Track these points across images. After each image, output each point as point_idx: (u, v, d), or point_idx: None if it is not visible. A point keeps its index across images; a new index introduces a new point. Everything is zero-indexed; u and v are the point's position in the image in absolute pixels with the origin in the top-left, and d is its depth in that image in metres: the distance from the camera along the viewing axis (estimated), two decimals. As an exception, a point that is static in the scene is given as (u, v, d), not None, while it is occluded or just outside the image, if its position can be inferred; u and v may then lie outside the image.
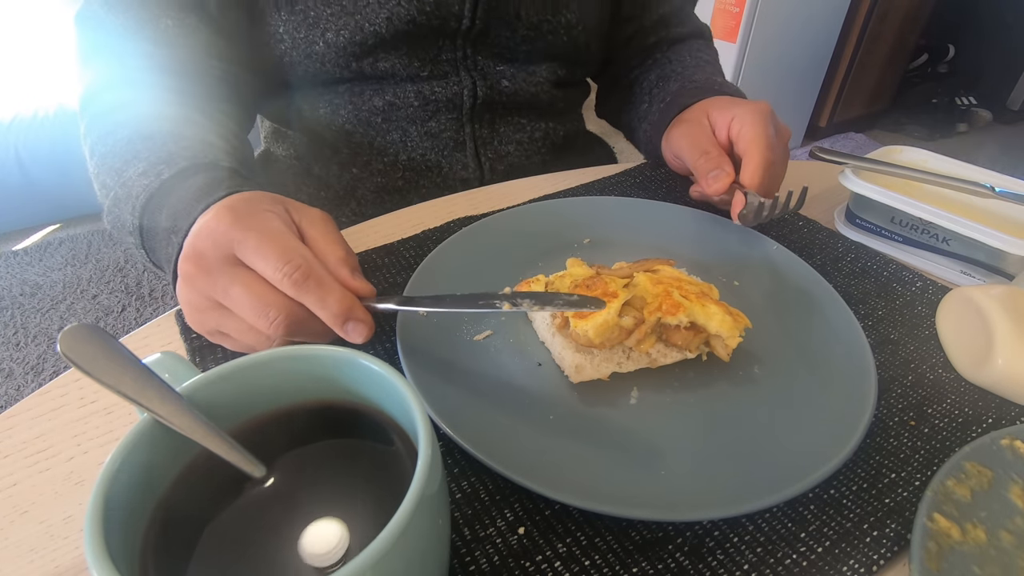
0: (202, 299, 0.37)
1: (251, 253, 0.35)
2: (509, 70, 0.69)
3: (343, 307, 0.36)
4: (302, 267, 0.35)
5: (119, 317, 1.75)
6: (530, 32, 0.66)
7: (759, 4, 2.15)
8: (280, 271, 0.35)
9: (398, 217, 0.59)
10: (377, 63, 0.63)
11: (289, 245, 0.36)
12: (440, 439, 0.32)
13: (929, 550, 0.29)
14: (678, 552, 0.31)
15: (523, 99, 0.70)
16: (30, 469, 0.35)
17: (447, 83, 0.66)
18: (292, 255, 0.35)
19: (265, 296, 0.35)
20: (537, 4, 0.65)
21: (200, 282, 0.36)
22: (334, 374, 0.27)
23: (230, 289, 0.35)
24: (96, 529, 0.19)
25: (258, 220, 0.37)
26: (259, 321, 0.35)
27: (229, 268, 0.35)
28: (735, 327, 0.39)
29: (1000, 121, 3.02)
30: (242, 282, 0.35)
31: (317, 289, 0.35)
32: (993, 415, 0.40)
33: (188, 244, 0.37)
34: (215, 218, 0.36)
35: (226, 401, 0.26)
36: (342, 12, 0.59)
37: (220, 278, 0.35)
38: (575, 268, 0.45)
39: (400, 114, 0.67)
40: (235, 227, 0.36)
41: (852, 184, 0.55)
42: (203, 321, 0.38)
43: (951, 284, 0.53)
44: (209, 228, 0.36)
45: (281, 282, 0.35)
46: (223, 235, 0.36)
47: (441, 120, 0.68)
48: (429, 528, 0.23)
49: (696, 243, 0.54)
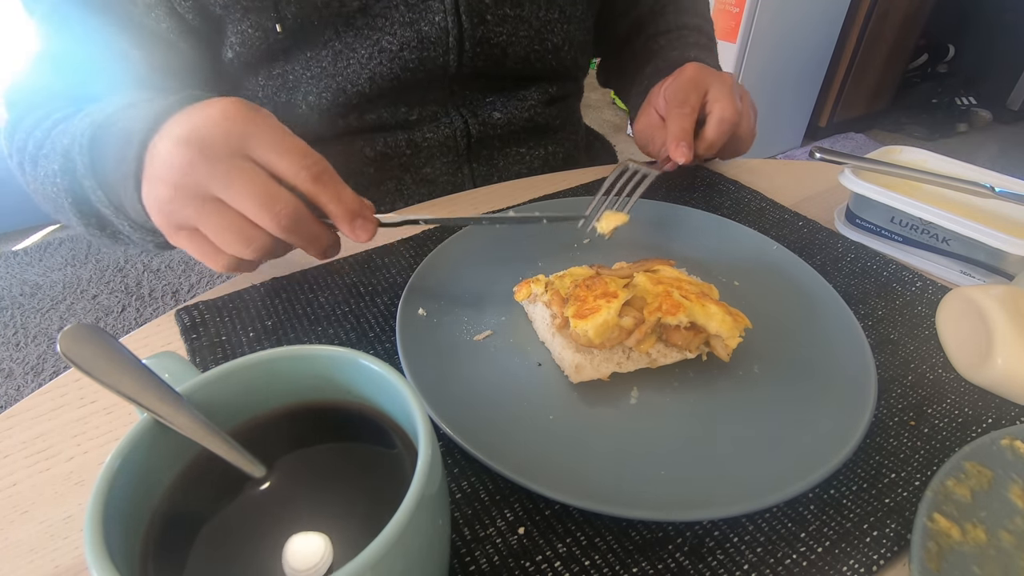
0: (191, 187, 0.35)
1: (268, 147, 0.35)
2: (499, 99, 0.67)
3: (357, 202, 0.37)
4: (320, 163, 0.36)
5: (119, 317, 1.75)
6: (518, 64, 0.65)
7: (759, 4, 2.15)
8: (299, 163, 0.35)
9: (398, 217, 0.59)
10: (364, 116, 0.61)
11: (304, 144, 0.36)
12: (440, 439, 0.32)
13: (929, 550, 0.29)
14: (678, 552, 0.31)
15: (518, 126, 0.69)
16: (30, 469, 0.35)
17: (438, 126, 0.65)
18: (309, 152, 0.36)
19: (272, 188, 0.35)
20: (523, 40, 0.63)
21: (199, 168, 0.34)
22: (334, 374, 0.27)
23: (234, 178, 0.34)
24: (96, 529, 0.19)
25: (270, 119, 0.36)
26: (262, 212, 0.35)
27: (237, 160, 0.35)
28: (735, 327, 0.39)
29: (1000, 121, 3.02)
30: (250, 174, 0.35)
31: (334, 184, 0.36)
32: (993, 415, 0.40)
33: (190, 130, 0.35)
34: (226, 109, 0.35)
35: (226, 401, 0.26)
36: (322, 75, 0.58)
37: (224, 166, 0.34)
38: (575, 268, 0.45)
39: (393, 163, 0.65)
40: (251, 121, 0.35)
41: (852, 184, 0.55)
42: (178, 212, 0.36)
43: (951, 284, 0.53)
44: (219, 116, 0.35)
45: (299, 174, 0.35)
46: (237, 126, 0.35)
47: (436, 165, 0.67)
48: (429, 528, 0.23)
49: (696, 243, 0.54)
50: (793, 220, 0.60)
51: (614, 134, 2.87)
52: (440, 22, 0.58)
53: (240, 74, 0.59)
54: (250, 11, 0.54)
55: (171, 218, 0.37)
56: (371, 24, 0.57)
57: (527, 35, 0.63)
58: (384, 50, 0.58)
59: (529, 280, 0.45)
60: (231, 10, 0.54)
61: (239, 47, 0.56)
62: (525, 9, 0.62)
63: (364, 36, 0.57)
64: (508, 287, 0.46)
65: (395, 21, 0.57)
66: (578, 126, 0.82)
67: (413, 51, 0.58)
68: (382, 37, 0.57)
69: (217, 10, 0.54)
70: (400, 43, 0.58)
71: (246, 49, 0.56)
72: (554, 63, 0.67)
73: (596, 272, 0.44)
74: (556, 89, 0.71)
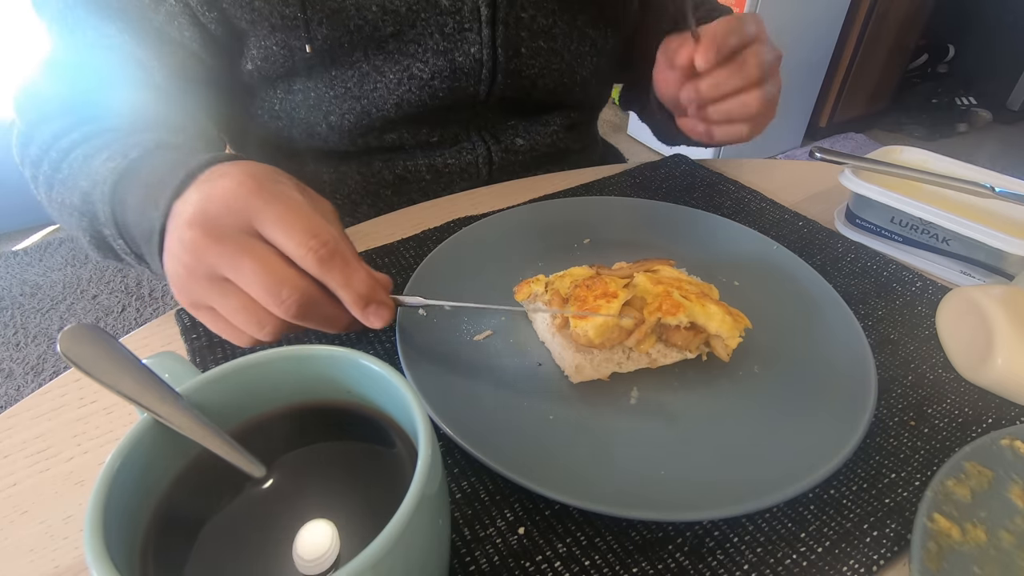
0: (201, 268, 0.33)
1: (273, 225, 0.33)
2: (522, 123, 0.67)
3: (368, 287, 0.34)
4: (329, 243, 0.33)
5: (119, 317, 1.75)
6: (545, 96, 0.64)
7: (759, 4, 2.15)
8: (305, 245, 0.32)
9: (398, 217, 0.59)
10: (384, 135, 0.60)
11: (316, 220, 0.33)
12: (440, 439, 0.32)
13: (929, 550, 0.29)
14: (678, 552, 0.31)
15: (540, 152, 0.69)
16: (30, 469, 0.35)
17: (460, 151, 0.64)
18: (319, 230, 0.33)
19: (280, 272, 0.32)
20: (554, 72, 0.63)
21: (207, 250, 0.33)
22: (334, 374, 0.27)
23: (241, 261, 0.32)
24: (96, 529, 0.19)
25: (282, 191, 0.34)
26: (268, 299, 0.32)
27: (244, 239, 0.33)
28: (735, 327, 0.39)
29: (1000, 121, 3.01)
30: (256, 255, 0.32)
31: (343, 267, 0.33)
32: (993, 415, 0.40)
33: (197, 208, 0.33)
34: (234, 183, 0.33)
35: (226, 401, 0.26)
36: (347, 96, 0.56)
37: (231, 247, 0.32)
38: (575, 268, 0.45)
39: (411, 187, 0.64)
40: (257, 195, 0.33)
41: (852, 184, 0.55)
42: (193, 291, 0.35)
43: (951, 284, 0.53)
44: (226, 192, 0.33)
45: (305, 257, 0.32)
46: (243, 202, 0.33)
47: (455, 191, 0.65)
48: (429, 528, 0.23)
49: (696, 243, 0.54)
50: (793, 220, 0.60)
51: (614, 134, 2.86)
52: (476, 54, 0.57)
53: (258, 86, 0.58)
54: (278, 29, 0.52)
55: (188, 296, 0.36)
56: (402, 50, 0.56)
57: (558, 68, 0.63)
58: (414, 77, 0.57)
59: (529, 280, 0.45)
60: (258, 26, 0.52)
61: (261, 61, 0.55)
62: (559, 42, 0.62)
63: (394, 61, 0.56)
64: (508, 287, 0.46)
65: (428, 49, 0.56)
66: (596, 145, 0.82)
67: (444, 80, 0.58)
68: (413, 64, 0.56)
69: (243, 24, 0.52)
70: (432, 71, 0.57)
71: (268, 64, 0.55)
72: (580, 95, 0.67)
73: (596, 272, 0.44)
74: (578, 115, 0.71)
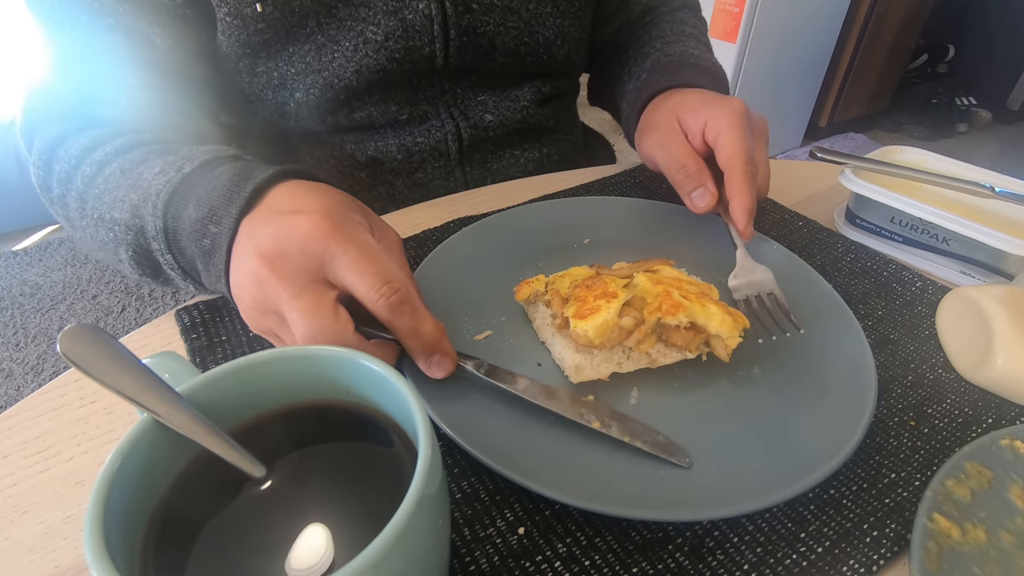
0: (267, 304, 0.34)
1: (347, 269, 0.33)
2: (491, 99, 0.66)
3: (435, 338, 0.35)
4: (400, 291, 0.33)
5: (119, 317, 1.75)
6: (508, 59, 0.64)
7: (759, 4, 2.15)
8: (377, 291, 0.33)
9: (398, 217, 0.59)
10: (353, 114, 0.61)
11: (388, 265, 0.34)
12: (440, 439, 0.32)
13: (929, 550, 0.29)
14: (678, 552, 0.31)
15: (510, 128, 0.68)
16: (30, 469, 0.35)
17: (429, 128, 0.64)
18: (391, 276, 0.33)
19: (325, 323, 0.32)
20: (512, 31, 0.62)
21: (270, 285, 0.33)
22: (334, 374, 0.27)
23: (293, 304, 0.33)
24: (96, 529, 0.19)
25: (354, 233, 0.34)
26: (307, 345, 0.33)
27: (307, 282, 0.33)
28: (735, 327, 0.39)
29: (1000, 121, 3.02)
30: (311, 302, 0.33)
31: (413, 315, 0.34)
32: (993, 415, 0.40)
33: (272, 244, 0.34)
34: (311, 224, 0.33)
35: (226, 401, 0.26)
36: (307, 70, 0.57)
37: (294, 287, 0.33)
38: (575, 268, 0.45)
39: (384, 168, 0.65)
40: (332, 237, 0.33)
41: (852, 184, 0.55)
42: (261, 322, 0.36)
43: (951, 284, 0.53)
44: (304, 235, 0.33)
45: (377, 302, 0.33)
46: (320, 246, 0.33)
47: (428, 170, 0.66)
48: (429, 528, 0.23)
49: (696, 243, 0.54)
50: (793, 220, 0.60)
51: (613, 133, 2.86)
52: (424, 9, 0.57)
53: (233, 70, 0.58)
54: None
55: (255, 324, 0.37)
56: (354, 15, 0.56)
57: (516, 26, 0.62)
58: (369, 41, 0.57)
59: (529, 280, 0.45)
60: None
61: (222, 36, 0.55)
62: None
63: (347, 27, 0.56)
64: (508, 287, 0.46)
65: (378, 10, 0.56)
66: (574, 126, 0.81)
67: (398, 40, 0.58)
68: (366, 28, 0.57)
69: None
70: (385, 33, 0.57)
71: (227, 39, 0.55)
72: (546, 58, 0.66)
73: (596, 272, 0.44)
74: (550, 88, 0.70)
